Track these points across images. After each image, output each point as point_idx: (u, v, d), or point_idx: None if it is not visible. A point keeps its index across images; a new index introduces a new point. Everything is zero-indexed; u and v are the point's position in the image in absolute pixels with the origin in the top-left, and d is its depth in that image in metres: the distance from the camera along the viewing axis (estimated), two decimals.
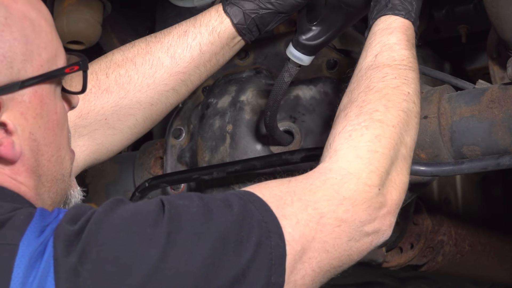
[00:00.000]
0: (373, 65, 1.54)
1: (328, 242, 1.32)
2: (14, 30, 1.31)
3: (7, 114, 1.29)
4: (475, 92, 1.83)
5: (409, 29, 1.60)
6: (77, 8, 2.34)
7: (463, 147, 1.81)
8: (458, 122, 1.81)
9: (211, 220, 1.22)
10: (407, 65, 1.54)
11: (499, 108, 1.77)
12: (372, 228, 1.38)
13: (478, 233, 2.52)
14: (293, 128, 2.02)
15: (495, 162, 1.75)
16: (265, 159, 1.97)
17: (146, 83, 1.79)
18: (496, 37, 1.97)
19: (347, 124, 1.44)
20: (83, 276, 1.13)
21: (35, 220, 1.20)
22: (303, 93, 2.05)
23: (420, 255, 2.32)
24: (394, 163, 1.43)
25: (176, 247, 1.17)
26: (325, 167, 1.39)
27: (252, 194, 1.30)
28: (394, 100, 1.48)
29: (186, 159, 2.19)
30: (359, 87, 1.51)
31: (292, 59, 1.82)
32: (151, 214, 1.20)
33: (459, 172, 1.81)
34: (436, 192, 2.40)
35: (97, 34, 2.39)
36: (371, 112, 1.45)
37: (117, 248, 1.16)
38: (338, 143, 1.42)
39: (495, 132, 1.77)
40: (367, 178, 1.37)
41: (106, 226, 1.17)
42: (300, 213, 1.29)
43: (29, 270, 1.15)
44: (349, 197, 1.34)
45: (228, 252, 1.20)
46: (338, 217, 1.33)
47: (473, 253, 2.49)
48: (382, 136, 1.42)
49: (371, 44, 1.58)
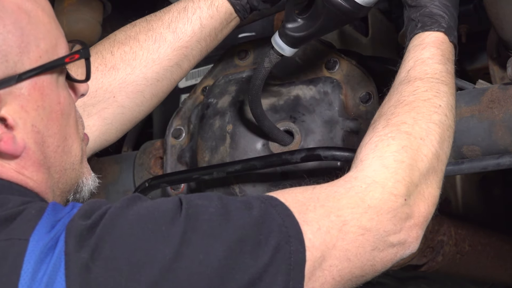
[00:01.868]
0: (405, 80, 1.53)
1: (351, 250, 1.30)
2: (8, 23, 1.29)
3: (6, 108, 1.28)
4: (475, 92, 1.84)
5: (444, 43, 1.59)
6: (77, 8, 2.35)
7: (463, 147, 1.81)
8: (458, 122, 1.77)
9: (229, 221, 1.21)
10: (440, 79, 1.53)
11: (499, 108, 1.77)
12: (397, 239, 1.36)
13: (478, 233, 2.49)
14: (293, 128, 2.01)
15: (495, 162, 1.75)
16: (265, 159, 1.96)
17: (151, 58, 1.81)
18: (496, 37, 1.96)
19: (373, 135, 1.44)
20: (95, 272, 1.12)
21: (47, 214, 1.20)
22: (303, 93, 2.04)
23: (420, 255, 2.25)
24: (423, 175, 1.42)
25: (191, 246, 1.16)
26: (350, 175, 1.38)
27: (274, 198, 1.29)
28: (424, 112, 1.47)
29: (186, 159, 2.19)
30: (389, 101, 1.51)
31: (274, 47, 1.81)
32: (168, 212, 1.19)
33: (459, 172, 1.82)
34: None
35: (97, 34, 2.40)
36: (399, 124, 1.44)
37: (131, 245, 1.15)
38: (364, 153, 1.41)
39: (495, 132, 1.77)
40: (393, 187, 1.36)
41: (121, 222, 1.17)
42: (322, 220, 1.28)
43: (38, 265, 1.14)
44: (374, 205, 1.33)
45: (244, 254, 1.20)
46: (362, 226, 1.31)
47: (473, 253, 2.45)
48: (409, 147, 1.41)
49: (405, 61, 1.58)
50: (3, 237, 1.16)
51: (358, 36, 2.32)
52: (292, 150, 1.97)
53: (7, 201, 1.22)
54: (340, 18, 1.70)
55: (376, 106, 1.92)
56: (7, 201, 1.22)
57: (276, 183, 2.01)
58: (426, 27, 1.59)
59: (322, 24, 1.73)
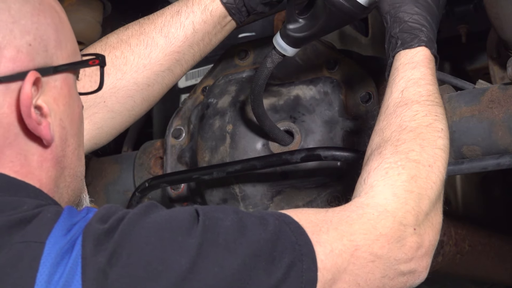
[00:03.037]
0: (401, 102, 1.53)
1: (360, 276, 1.30)
2: (47, 16, 1.33)
3: (43, 97, 1.29)
4: (475, 92, 1.84)
5: (431, 61, 1.59)
6: (77, 8, 2.35)
7: (463, 147, 1.81)
8: (458, 122, 1.82)
9: (245, 235, 1.21)
10: (434, 101, 1.53)
11: (499, 108, 1.78)
12: (408, 268, 1.36)
13: (478, 233, 2.48)
14: (293, 128, 2.01)
15: (495, 162, 1.76)
16: (265, 159, 1.97)
17: (142, 64, 1.81)
18: (496, 37, 1.98)
19: (382, 161, 1.43)
20: (111, 278, 1.12)
21: (63, 218, 1.19)
22: (303, 93, 2.05)
23: None
24: (432, 203, 1.43)
25: (207, 259, 1.16)
26: (361, 201, 1.37)
27: (288, 216, 1.29)
28: (429, 138, 1.47)
29: (186, 159, 2.19)
30: (390, 125, 1.50)
31: (276, 47, 1.81)
32: (184, 223, 1.19)
33: (459, 172, 1.83)
34: None
35: (97, 34, 2.40)
36: (407, 151, 1.44)
37: (148, 253, 1.15)
38: (374, 179, 1.41)
39: (495, 132, 1.78)
40: (402, 217, 1.36)
41: (138, 229, 1.17)
42: (335, 242, 1.28)
43: (55, 268, 1.13)
44: (385, 234, 1.33)
45: (258, 269, 1.19)
46: (373, 252, 1.31)
47: (473, 253, 2.44)
48: (419, 176, 1.41)
49: (395, 80, 1.56)
50: (19, 240, 1.16)
51: (358, 36, 2.32)
52: (292, 150, 1.97)
53: (23, 204, 1.22)
54: (342, 18, 1.71)
55: (376, 106, 1.93)
56: (22, 203, 1.22)
57: (276, 183, 2.02)
58: (406, 44, 1.59)
59: (323, 24, 1.73)
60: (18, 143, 1.28)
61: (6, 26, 1.27)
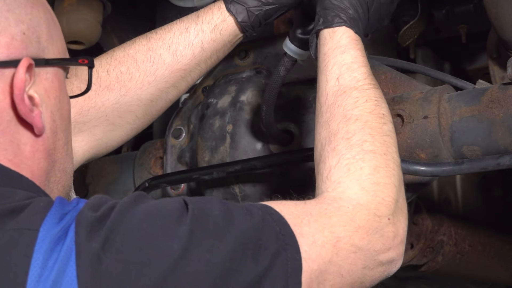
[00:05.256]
0: (340, 90, 1.52)
1: (344, 267, 1.32)
2: (40, 10, 1.36)
3: (34, 87, 1.31)
4: (475, 92, 1.84)
5: (358, 41, 1.58)
6: (77, 8, 2.36)
7: (463, 147, 1.81)
8: (458, 122, 1.81)
9: (232, 224, 1.23)
10: (371, 83, 1.53)
11: (499, 108, 1.77)
12: (387, 257, 1.39)
13: (478, 233, 2.51)
14: (292, 128, 2.03)
15: (495, 162, 1.75)
16: (265, 159, 1.99)
17: (147, 81, 1.80)
18: (496, 37, 1.97)
19: (340, 158, 1.44)
20: (106, 263, 1.13)
21: (55, 207, 1.20)
22: (303, 93, 2.05)
23: (420, 255, 2.30)
24: (398, 189, 1.44)
25: (198, 246, 1.18)
26: (334, 196, 1.39)
27: (270, 207, 1.30)
28: (375, 126, 1.48)
29: (186, 159, 2.20)
30: (334, 117, 1.50)
31: (288, 53, 1.82)
32: (174, 211, 1.20)
33: (459, 172, 1.82)
34: (436, 192, 2.39)
35: (97, 34, 2.41)
36: (361, 143, 1.45)
37: (140, 239, 1.16)
38: (337, 176, 1.42)
39: (495, 132, 1.78)
40: (376, 209, 1.38)
41: (130, 216, 1.18)
42: (317, 234, 1.30)
43: (49, 254, 1.15)
44: (363, 226, 1.35)
45: (246, 257, 1.21)
46: (354, 244, 1.33)
47: (473, 253, 2.48)
48: (379, 167, 1.43)
49: (327, 67, 1.56)
50: (12, 227, 1.17)
51: None
52: (292, 150, 1.99)
53: (14, 194, 1.23)
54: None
55: None
56: (14, 194, 1.23)
57: (276, 183, 2.02)
58: (328, 23, 1.59)
59: None
60: (11, 130, 1.30)
61: (1, 14, 1.29)
